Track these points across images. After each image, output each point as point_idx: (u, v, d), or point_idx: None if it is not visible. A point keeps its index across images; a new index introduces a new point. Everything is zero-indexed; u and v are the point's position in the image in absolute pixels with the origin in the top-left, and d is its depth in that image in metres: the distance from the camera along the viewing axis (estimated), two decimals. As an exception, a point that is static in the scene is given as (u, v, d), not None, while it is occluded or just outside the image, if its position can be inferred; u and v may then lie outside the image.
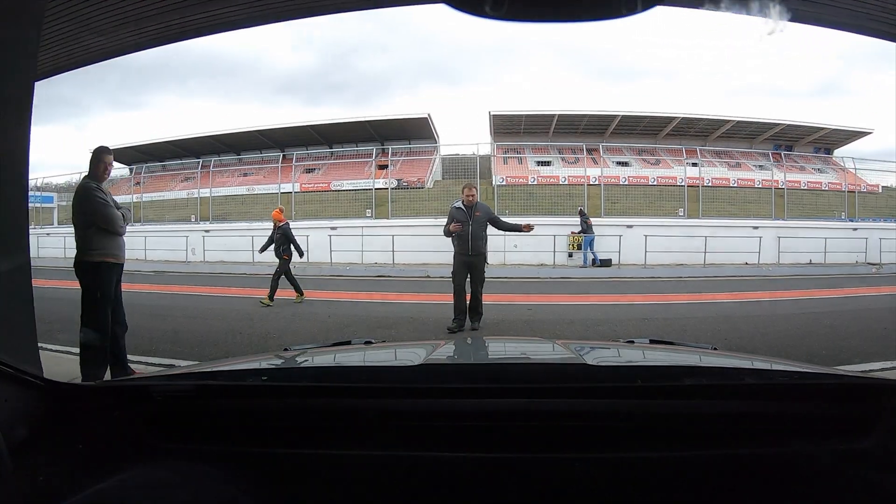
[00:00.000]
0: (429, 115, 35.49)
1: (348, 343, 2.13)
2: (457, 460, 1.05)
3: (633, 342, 2.07)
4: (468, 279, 6.80)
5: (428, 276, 15.16)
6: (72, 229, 4.32)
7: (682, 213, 19.50)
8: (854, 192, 23.80)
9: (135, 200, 24.21)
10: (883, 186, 26.69)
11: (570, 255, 18.46)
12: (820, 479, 1.02)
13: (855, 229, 19.98)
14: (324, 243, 18.15)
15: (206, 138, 35.52)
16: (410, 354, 1.79)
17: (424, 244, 16.80)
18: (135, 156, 34.15)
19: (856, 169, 23.92)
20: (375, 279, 15.11)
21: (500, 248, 15.38)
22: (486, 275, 7.04)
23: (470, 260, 6.74)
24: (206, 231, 21.23)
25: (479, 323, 6.82)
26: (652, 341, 2.09)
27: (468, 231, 6.66)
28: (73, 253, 4.30)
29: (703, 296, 11.39)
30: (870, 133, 34.78)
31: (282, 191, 22.66)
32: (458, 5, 0.75)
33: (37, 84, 1.40)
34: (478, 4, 0.74)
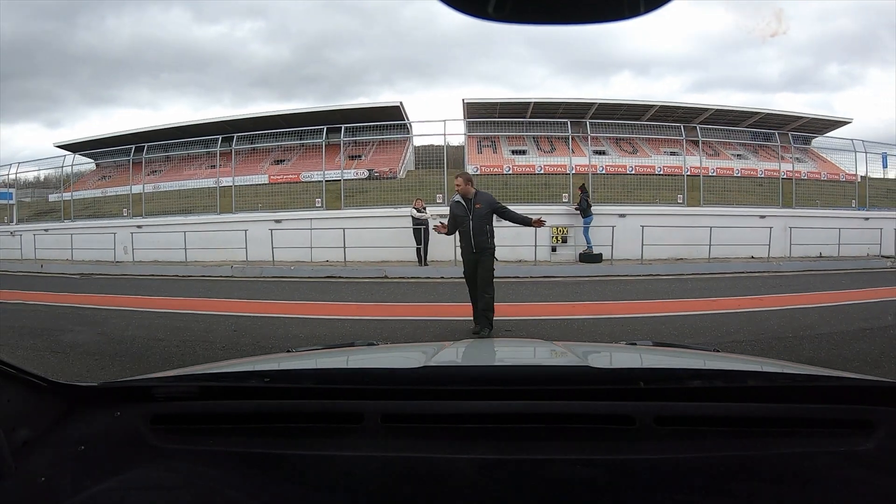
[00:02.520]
0: (401, 103, 34.35)
1: (352, 345, 2.18)
2: (460, 462, 1.01)
3: (635, 344, 2.11)
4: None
5: (385, 277, 13.35)
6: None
7: (681, 201, 17.36)
8: (833, 181, 22.91)
9: (100, 195, 21.93)
10: (861, 175, 25.01)
11: (554, 250, 16.05)
12: (820, 481, 0.98)
13: (867, 219, 18.23)
14: (267, 239, 15.78)
15: (172, 129, 33.62)
16: (414, 356, 1.67)
17: (383, 239, 15.46)
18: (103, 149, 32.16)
19: (859, 154, 21.66)
20: (323, 281, 13.07)
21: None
22: (490, 273, 6.30)
23: (475, 257, 6.30)
24: (139, 227, 18.76)
25: (489, 331, 6.15)
26: (655, 343, 2.14)
27: (469, 226, 6.22)
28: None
29: (721, 302, 9.21)
30: (849, 122, 33.90)
31: (221, 184, 20.39)
32: (460, 7, 0.67)
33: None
34: (480, 6, 0.67)
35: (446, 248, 14.15)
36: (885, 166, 20.91)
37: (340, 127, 20.02)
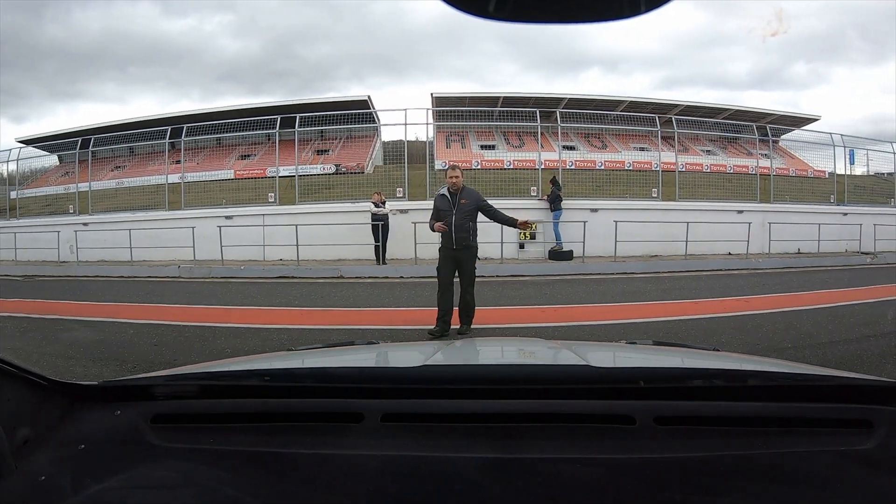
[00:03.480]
0: (369, 97, 33.59)
1: (352, 343, 2.14)
2: (460, 461, 0.99)
3: (635, 343, 2.12)
4: (456, 277, 6.10)
5: (341, 277, 12.41)
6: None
7: (655, 195, 16.46)
8: (802, 177, 22.39)
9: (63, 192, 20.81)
10: (829, 172, 24.76)
11: (522, 247, 15.01)
12: (820, 480, 0.97)
13: (845, 214, 17.61)
14: (217, 236, 14.47)
15: (137, 123, 31.27)
16: (414, 355, 1.70)
17: (339, 235, 14.44)
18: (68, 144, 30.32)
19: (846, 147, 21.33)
20: (274, 282, 12.01)
21: (434, 240, 12.01)
22: (473, 273, 6.16)
23: (456, 254, 6.05)
24: (84, 225, 17.26)
25: (468, 327, 6.08)
26: (655, 342, 2.12)
27: (451, 221, 6.00)
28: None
29: (704, 305, 8.49)
30: (817, 119, 33.68)
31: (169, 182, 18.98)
32: (460, 6, 0.67)
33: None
34: (481, 5, 0.67)
35: (406, 246, 13.38)
36: (852, 163, 20.87)
37: (299, 119, 18.88)
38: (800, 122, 34.10)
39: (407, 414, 1.14)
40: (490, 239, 13.09)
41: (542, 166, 17.63)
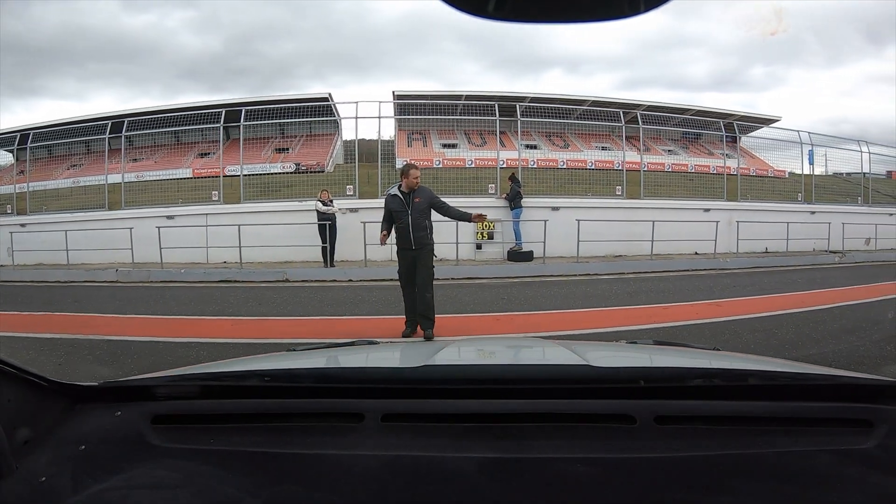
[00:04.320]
0: (329, 94, 32.11)
1: (352, 343, 2.15)
2: (460, 461, 0.98)
3: (636, 342, 2.11)
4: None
5: (286, 280, 11.60)
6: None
7: (620, 193, 15.68)
8: (762, 176, 22.47)
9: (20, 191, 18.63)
10: (789, 172, 24.63)
11: (480, 247, 14.01)
12: (820, 479, 0.96)
13: (813, 212, 17.15)
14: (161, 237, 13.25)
15: (95, 119, 29.97)
16: (414, 355, 1.67)
17: (286, 236, 13.47)
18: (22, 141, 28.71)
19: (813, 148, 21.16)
20: (215, 286, 11.04)
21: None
22: (431, 273, 6.01)
23: (414, 255, 5.85)
24: (22, 226, 15.67)
25: (432, 331, 5.81)
26: (655, 342, 2.09)
27: (407, 221, 5.80)
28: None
29: (675, 310, 7.90)
30: (778, 120, 33.69)
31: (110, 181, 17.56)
32: (459, 5, 0.67)
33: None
34: (480, 5, 0.67)
35: (357, 247, 12.48)
36: (811, 163, 20.22)
37: (245, 113, 17.49)
38: (761, 122, 34.20)
39: (407, 414, 1.12)
40: (445, 239, 12.11)
41: (504, 165, 17.00)
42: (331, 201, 13.17)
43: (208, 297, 9.55)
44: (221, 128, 18.48)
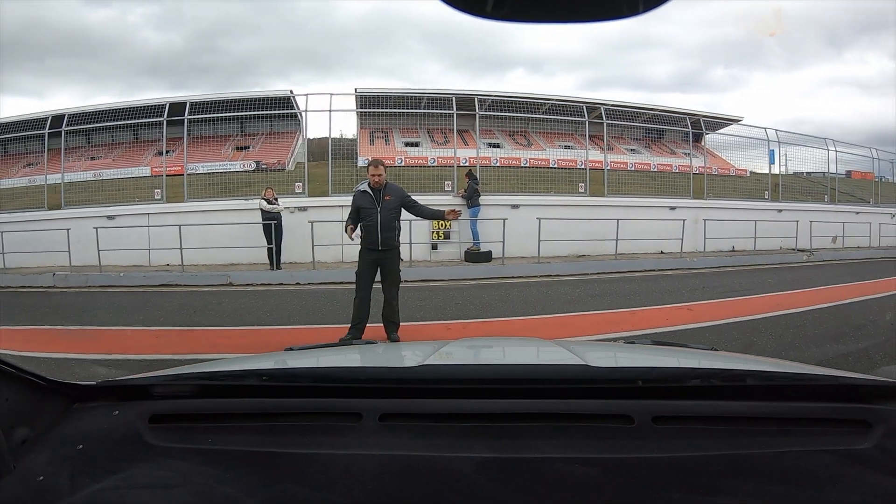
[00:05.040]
0: (291, 91, 30.97)
1: (350, 343, 2.27)
2: (458, 460, 0.98)
3: (633, 342, 2.13)
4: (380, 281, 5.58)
5: (230, 284, 10.65)
6: None
7: (583, 190, 15.03)
8: (724, 175, 21.75)
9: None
10: (750, 171, 24.55)
11: (435, 248, 13.13)
12: (817, 480, 0.96)
13: (780, 211, 16.80)
14: (103, 238, 12.19)
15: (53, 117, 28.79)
16: (412, 355, 1.67)
17: (233, 237, 12.45)
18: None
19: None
20: (154, 291, 10.14)
21: (336, 241, 10.44)
22: (398, 276, 5.72)
23: (380, 256, 5.51)
24: None
25: (397, 335, 5.55)
26: (653, 342, 2.06)
27: (376, 220, 5.43)
28: None
29: (643, 315, 7.28)
30: (740, 120, 33.78)
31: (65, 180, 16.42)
32: (459, 5, 0.67)
33: None
34: (479, 5, 0.67)
35: (304, 249, 11.56)
36: (771, 162, 20.13)
37: (190, 106, 16.89)
38: (724, 122, 34.36)
39: (405, 413, 1.12)
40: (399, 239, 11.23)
41: (467, 163, 16.41)
42: (276, 199, 12.27)
43: (143, 303, 8.71)
44: (164, 123, 17.06)
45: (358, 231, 5.59)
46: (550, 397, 1.12)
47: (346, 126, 30.11)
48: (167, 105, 16.75)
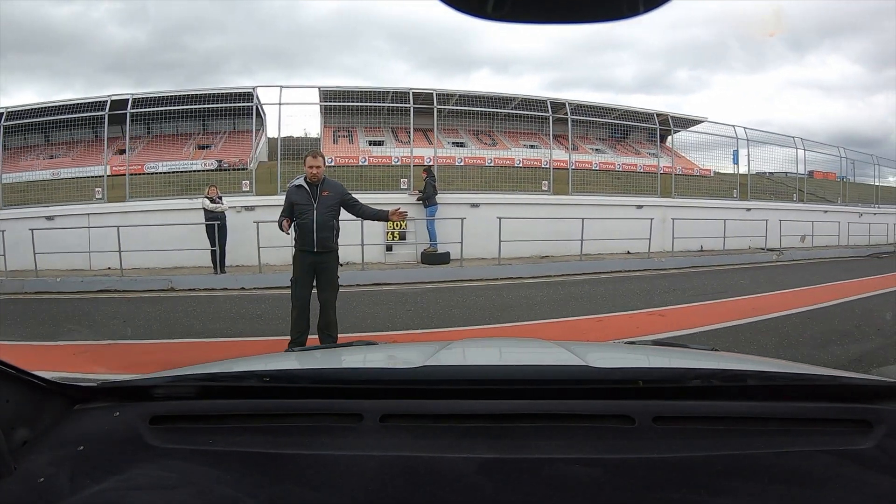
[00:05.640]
0: (254, 89, 29.91)
1: (350, 344, 2.06)
2: (459, 461, 0.96)
3: (634, 343, 2.14)
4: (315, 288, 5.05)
5: (171, 289, 9.82)
6: None
7: (546, 188, 14.30)
8: (688, 175, 21.41)
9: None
10: (714, 171, 24.23)
11: (390, 249, 12.25)
12: (818, 480, 0.94)
13: (749, 209, 16.49)
14: (42, 241, 11.27)
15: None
16: (412, 355, 1.59)
17: (177, 239, 11.41)
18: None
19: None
20: (92, 297, 9.27)
21: (284, 242, 9.29)
22: (337, 283, 5.10)
23: (315, 259, 4.96)
24: None
25: None
26: (653, 342, 2.10)
27: (311, 218, 4.90)
28: None
29: (610, 322, 6.64)
30: (704, 121, 33.93)
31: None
32: (459, 6, 0.66)
33: None
34: (479, 5, 0.66)
35: (251, 251, 10.65)
36: (735, 162, 20.12)
37: (133, 100, 15.62)
38: (688, 123, 34.53)
39: (406, 414, 1.11)
40: (350, 240, 10.34)
41: (430, 162, 15.74)
42: (220, 198, 11.34)
43: (74, 312, 7.89)
44: (106, 118, 15.85)
45: (294, 232, 5.09)
46: (551, 398, 1.10)
47: (311, 125, 29.54)
48: (108, 102, 15.64)
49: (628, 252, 13.21)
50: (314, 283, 5.08)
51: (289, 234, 5.11)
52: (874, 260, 15.09)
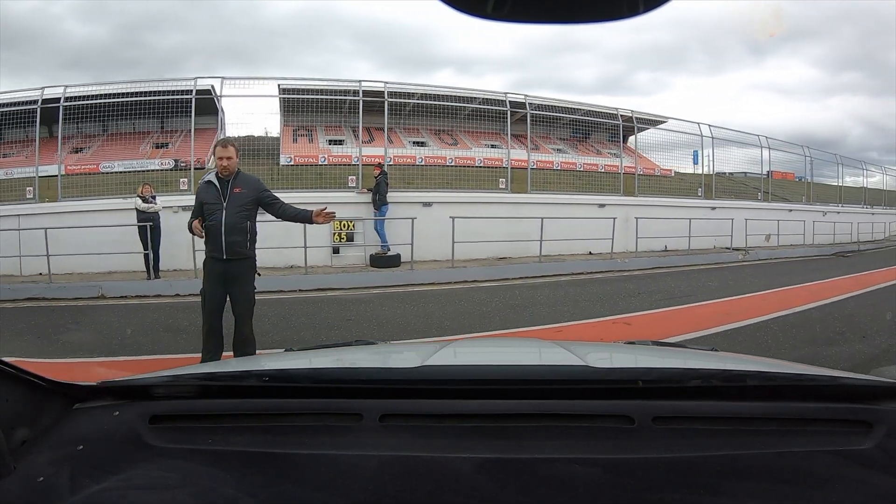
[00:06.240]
0: (213, 87, 28.94)
1: (351, 344, 2.07)
2: (458, 461, 0.94)
3: (634, 343, 2.11)
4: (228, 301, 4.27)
5: (101, 296, 8.84)
6: None
7: (503, 186, 13.55)
8: (650, 175, 20.83)
9: None
10: (675, 171, 23.81)
11: (337, 251, 11.29)
12: (818, 480, 0.92)
13: (714, 208, 16.02)
14: None
15: None
16: (412, 355, 1.57)
17: (111, 241, 10.31)
18: None
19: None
20: (18, 306, 8.33)
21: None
22: (252, 297, 4.30)
23: (226, 268, 4.15)
24: None
25: None
26: (653, 342, 2.10)
27: (220, 219, 4.10)
28: None
29: (570, 333, 5.92)
30: (665, 121, 34.02)
31: None
32: (459, 6, 0.65)
33: None
34: (479, 5, 0.65)
35: (188, 253, 9.62)
36: (695, 162, 20.17)
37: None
38: (649, 123, 34.63)
39: (406, 414, 1.09)
40: (294, 241, 9.61)
41: (391, 162, 15.08)
42: (153, 198, 10.34)
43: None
44: (38, 114, 14.58)
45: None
46: (551, 397, 1.09)
47: (272, 125, 28.75)
48: (40, 98, 14.36)
49: (590, 253, 12.57)
50: (226, 295, 4.32)
51: (201, 236, 4.29)
52: (839, 259, 14.86)
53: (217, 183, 4.23)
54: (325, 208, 4.43)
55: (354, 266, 10.90)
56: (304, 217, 4.47)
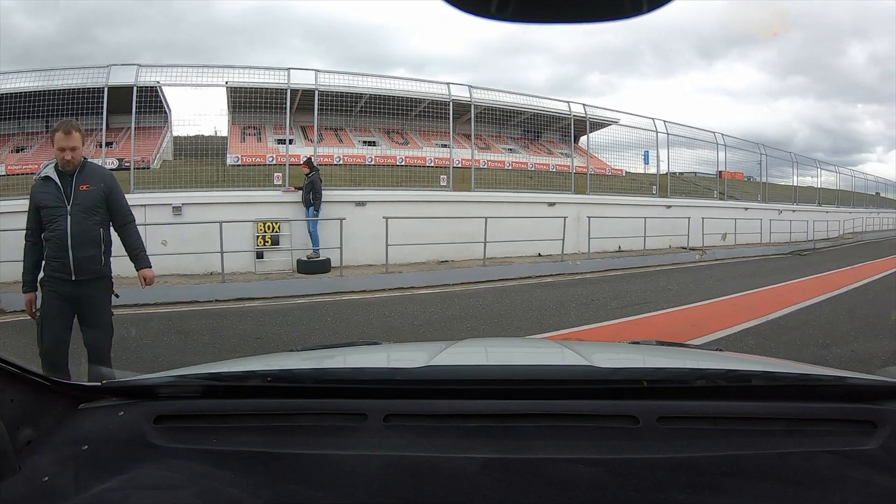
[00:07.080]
0: (158, 83, 27.41)
1: (354, 344, 2.00)
2: (462, 461, 0.92)
3: (638, 343, 2.00)
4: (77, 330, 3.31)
5: (1, 311, 7.45)
6: None
7: (445, 184, 12.48)
8: (601, 175, 20.34)
9: None
10: (626, 171, 23.19)
11: (261, 256, 9.92)
12: (823, 480, 0.89)
13: (669, 207, 15.37)
14: None
15: None
16: (416, 355, 1.51)
17: (14, 248, 8.17)
18: None
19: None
20: None
21: (152, 250, 6.76)
22: (109, 326, 3.31)
23: (74, 291, 3.17)
24: None
25: None
26: (658, 342, 2.00)
27: (65, 227, 3.14)
28: None
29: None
30: (617, 122, 33.97)
31: None
32: (462, 6, 0.65)
33: None
34: (483, 5, 0.64)
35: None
36: (646, 162, 19.91)
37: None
38: (601, 124, 34.52)
39: (410, 414, 1.07)
40: (210, 247, 8.44)
41: (341, 161, 15.20)
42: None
43: None
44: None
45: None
46: (555, 398, 1.06)
47: (221, 124, 27.67)
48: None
49: (539, 255, 11.61)
50: (71, 324, 3.31)
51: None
52: (797, 257, 14.48)
53: (57, 179, 3.23)
54: (152, 275, 3.54)
55: (280, 272, 9.62)
56: (135, 256, 3.47)
